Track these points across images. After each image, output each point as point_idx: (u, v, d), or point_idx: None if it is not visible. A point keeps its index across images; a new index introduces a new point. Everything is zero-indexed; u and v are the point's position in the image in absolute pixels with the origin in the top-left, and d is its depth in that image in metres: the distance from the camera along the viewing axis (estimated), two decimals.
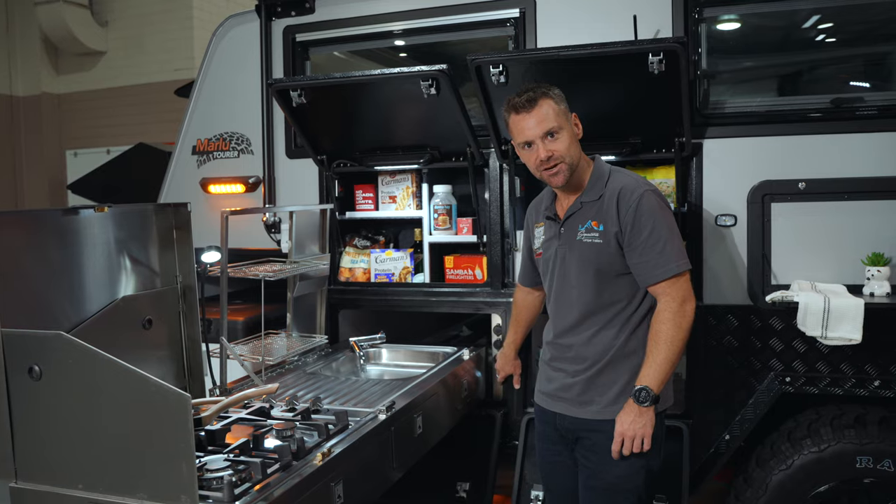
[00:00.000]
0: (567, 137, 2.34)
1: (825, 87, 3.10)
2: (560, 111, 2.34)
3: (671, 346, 2.20)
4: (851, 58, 3.18)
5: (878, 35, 3.10)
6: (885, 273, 2.72)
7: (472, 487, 3.18)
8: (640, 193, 2.26)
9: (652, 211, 2.25)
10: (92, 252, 2.32)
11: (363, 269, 3.61)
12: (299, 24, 3.62)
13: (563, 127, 2.33)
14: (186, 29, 8.35)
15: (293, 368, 3.06)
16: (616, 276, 2.32)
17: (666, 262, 2.23)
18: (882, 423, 2.79)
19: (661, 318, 2.23)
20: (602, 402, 2.34)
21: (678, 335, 2.21)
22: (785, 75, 3.27)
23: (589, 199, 2.35)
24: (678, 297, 2.23)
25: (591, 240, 2.31)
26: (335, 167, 3.50)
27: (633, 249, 2.26)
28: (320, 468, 1.93)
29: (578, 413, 2.38)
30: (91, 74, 8.83)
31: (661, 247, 2.23)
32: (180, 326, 2.59)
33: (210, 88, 3.85)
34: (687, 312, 2.23)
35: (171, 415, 1.63)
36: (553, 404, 2.46)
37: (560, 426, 2.45)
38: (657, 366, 2.21)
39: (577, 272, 2.36)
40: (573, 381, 2.39)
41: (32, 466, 1.80)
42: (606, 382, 2.34)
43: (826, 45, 3.16)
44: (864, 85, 3.12)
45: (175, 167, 3.95)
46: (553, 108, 2.33)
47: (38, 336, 1.77)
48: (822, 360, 2.87)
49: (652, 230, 2.23)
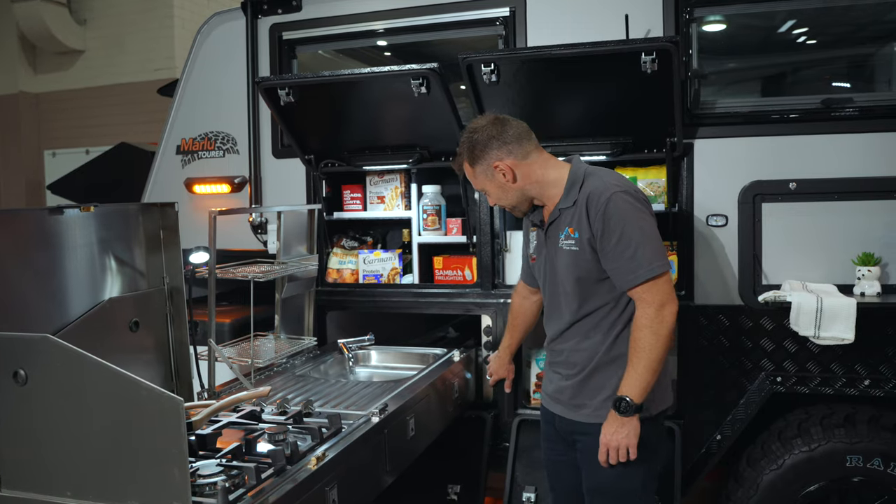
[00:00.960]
0: (494, 192, 2.37)
1: (815, 87, 3.11)
2: (476, 173, 2.36)
3: (650, 353, 2.16)
4: (841, 58, 3.20)
5: (868, 36, 3.12)
6: (875, 273, 2.73)
7: (463, 490, 3.16)
8: (608, 197, 2.18)
9: (621, 214, 2.17)
10: (77, 253, 2.26)
11: (351, 270, 3.57)
12: (286, 22, 3.57)
13: (485, 187, 2.38)
14: (167, 28, 8.25)
15: (282, 371, 3.01)
16: (597, 282, 2.28)
17: (637, 268, 2.17)
18: (871, 421, 2.80)
19: (639, 325, 2.18)
20: (592, 405, 2.32)
21: (657, 343, 2.16)
22: (775, 75, 3.28)
23: (565, 206, 2.29)
24: (655, 301, 2.16)
25: (570, 247, 2.28)
26: (323, 167, 3.46)
27: (605, 255, 2.21)
28: (315, 473, 1.89)
29: (572, 415, 2.38)
30: (69, 74, 8.70)
31: (631, 252, 2.16)
32: (167, 329, 2.53)
33: (195, 87, 3.79)
34: (665, 318, 2.16)
35: (163, 419, 1.59)
36: (553, 405, 2.46)
37: (560, 427, 2.45)
38: (637, 375, 2.17)
39: (562, 279, 2.34)
40: (566, 385, 2.39)
41: (18, 474, 1.75)
42: (596, 387, 2.32)
43: (816, 45, 3.18)
44: (854, 85, 3.14)
45: (159, 167, 3.88)
46: (469, 171, 2.38)
47: (24, 339, 1.72)
48: (813, 360, 2.88)
49: (621, 235, 2.17)
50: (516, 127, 2.32)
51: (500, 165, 2.30)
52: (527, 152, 2.31)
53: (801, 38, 3.12)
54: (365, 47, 3.77)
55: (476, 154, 2.32)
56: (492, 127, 2.31)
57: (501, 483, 3.15)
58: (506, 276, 3.29)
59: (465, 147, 2.35)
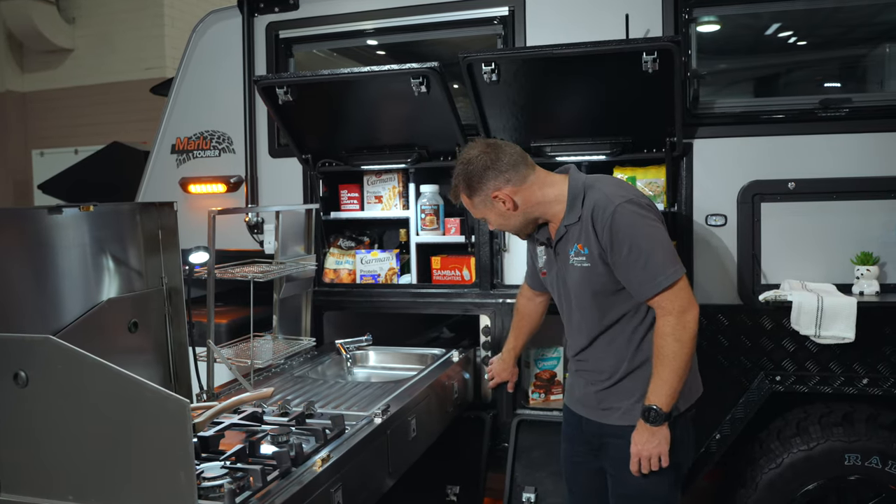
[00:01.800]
0: (496, 219, 2.34)
1: (814, 87, 3.13)
2: (475, 204, 2.31)
3: (674, 360, 2.13)
4: (840, 58, 3.22)
5: (864, 36, 3.14)
6: (873, 272, 2.75)
7: (463, 491, 3.15)
8: (612, 210, 2.14)
9: (628, 226, 2.14)
10: (75, 252, 2.23)
11: (348, 270, 3.55)
12: (283, 21, 3.55)
13: (485, 215, 2.35)
14: (157, 27, 8.17)
15: (280, 372, 2.99)
16: (614, 293, 2.24)
17: (652, 278, 2.13)
18: (869, 420, 2.81)
19: (661, 334, 2.15)
20: (623, 407, 2.29)
21: (681, 349, 2.13)
22: (774, 76, 3.29)
23: (570, 223, 2.25)
24: (674, 309, 2.13)
25: (581, 263, 2.24)
26: (320, 166, 3.44)
27: (618, 267, 2.18)
28: (320, 474, 1.88)
29: (602, 419, 2.35)
30: (58, 72, 8.60)
31: (643, 262, 2.13)
32: (166, 330, 2.51)
33: (190, 86, 3.76)
34: (687, 323, 2.13)
35: (168, 421, 1.57)
36: (579, 408, 2.44)
37: (586, 430, 2.42)
38: (663, 382, 2.14)
39: (576, 295, 2.31)
40: (594, 390, 2.36)
41: (18, 477, 1.73)
42: (625, 391, 2.29)
43: (814, 46, 3.19)
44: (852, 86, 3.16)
45: (153, 166, 3.85)
46: (467, 202, 2.34)
47: (25, 340, 1.69)
48: (811, 359, 2.89)
49: (631, 246, 2.14)
50: (510, 153, 2.26)
51: (499, 195, 2.25)
52: (524, 176, 2.26)
53: (799, 38, 3.13)
54: (359, 47, 3.75)
55: (473, 186, 2.27)
56: (485, 156, 2.25)
57: (501, 484, 3.14)
58: (504, 275, 3.28)
59: (460, 179, 2.30)
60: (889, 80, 3.20)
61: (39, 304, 2.14)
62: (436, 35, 3.48)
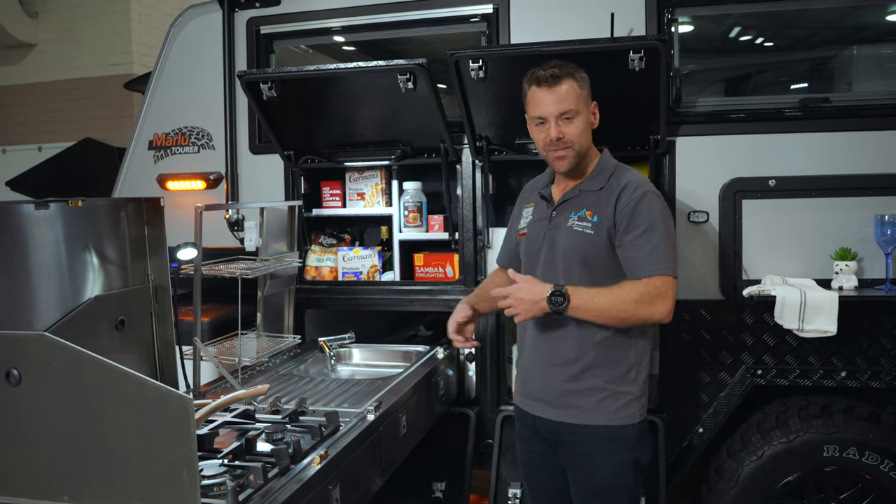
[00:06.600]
0: (582, 123, 2.27)
1: (795, 86, 3.19)
2: (581, 95, 2.27)
3: (618, 305, 2.12)
4: (820, 59, 3.28)
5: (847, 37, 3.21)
6: (852, 268, 2.81)
7: (448, 487, 3.15)
8: (644, 192, 2.22)
9: (651, 212, 2.20)
10: (61, 248, 2.17)
11: (330, 267, 3.53)
12: (264, 16, 3.51)
13: (580, 112, 2.26)
14: (123, 22, 8.01)
15: (265, 370, 2.96)
16: (602, 270, 2.23)
17: (655, 261, 2.16)
18: (847, 412, 2.88)
19: (632, 288, 2.14)
20: (584, 405, 2.24)
21: (628, 310, 2.12)
22: (755, 75, 3.35)
23: (588, 189, 2.29)
24: (655, 289, 2.13)
25: (583, 229, 2.24)
26: (303, 163, 3.41)
27: (624, 246, 2.20)
28: (319, 471, 1.86)
29: (559, 416, 2.29)
30: (20, 68, 8.38)
31: (653, 245, 2.17)
32: (152, 327, 2.46)
33: (168, 81, 3.69)
34: (655, 308, 2.13)
35: (170, 419, 1.53)
36: (532, 406, 2.38)
37: (541, 428, 2.36)
38: (590, 296, 2.14)
39: (564, 257, 2.27)
40: (552, 383, 2.30)
41: (10, 478, 1.68)
42: (588, 386, 2.24)
43: (796, 45, 3.26)
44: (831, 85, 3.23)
45: (130, 163, 3.77)
46: (575, 90, 2.26)
47: (18, 337, 1.64)
48: (791, 353, 2.95)
49: (647, 228, 2.17)
50: None
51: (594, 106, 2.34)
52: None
53: (781, 37, 3.20)
54: (338, 44, 3.72)
55: (586, 81, 2.31)
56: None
57: (486, 480, 3.15)
58: (488, 272, 3.28)
59: (573, 68, 2.28)
60: (854, 80, 3.28)
61: (25, 301, 2.09)
62: (418, 32, 3.47)
